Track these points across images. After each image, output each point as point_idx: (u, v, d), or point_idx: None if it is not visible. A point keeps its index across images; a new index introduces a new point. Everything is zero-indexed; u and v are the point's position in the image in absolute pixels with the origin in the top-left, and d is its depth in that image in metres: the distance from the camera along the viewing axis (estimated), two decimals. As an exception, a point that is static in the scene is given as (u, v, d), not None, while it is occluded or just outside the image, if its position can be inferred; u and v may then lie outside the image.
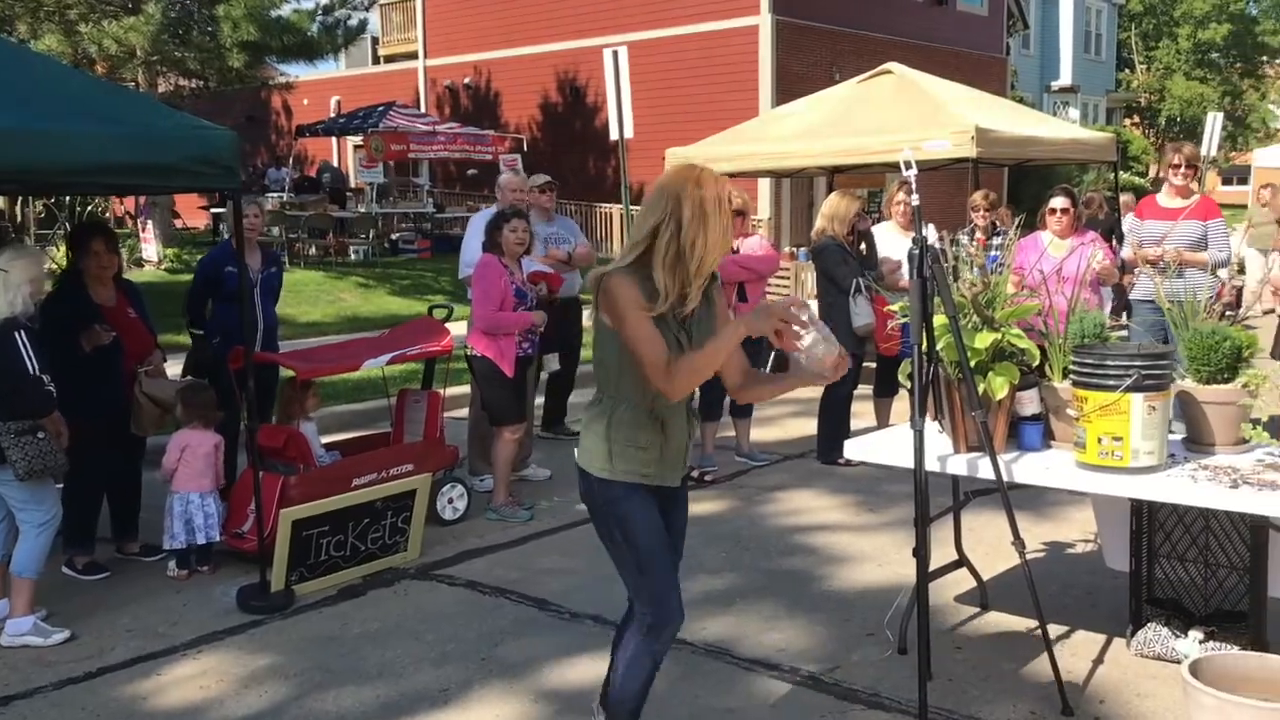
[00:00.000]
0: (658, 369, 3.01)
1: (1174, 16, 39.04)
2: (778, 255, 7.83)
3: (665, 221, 3.02)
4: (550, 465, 7.28)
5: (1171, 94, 38.30)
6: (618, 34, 20.33)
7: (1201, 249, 6.78)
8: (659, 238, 3.03)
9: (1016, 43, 32.50)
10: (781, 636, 4.58)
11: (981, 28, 26.49)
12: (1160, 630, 4.25)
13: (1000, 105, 11.81)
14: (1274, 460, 3.82)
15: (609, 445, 3.16)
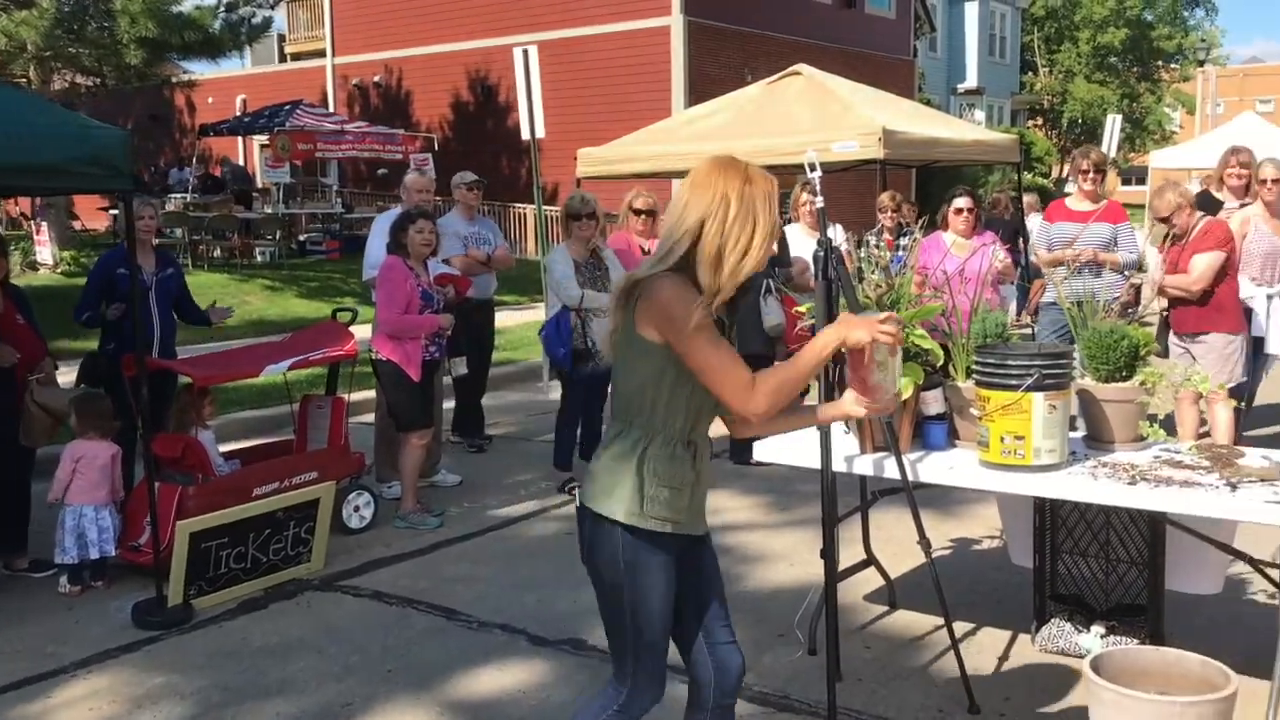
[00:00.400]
0: (741, 390, 2.61)
1: (1074, 21, 40.05)
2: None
3: (712, 216, 2.65)
4: (460, 470, 7.18)
5: (1073, 96, 39.30)
6: (530, 33, 20.20)
7: (1112, 251, 6.92)
8: (704, 235, 2.65)
9: (924, 45, 33.06)
10: (692, 641, 4.54)
11: (889, 31, 26.89)
12: (1063, 626, 4.31)
13: (906, 107, 11.95)
14: (1170, 457, 3.89)
15: (641, 486, 2.68)
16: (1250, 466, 3.68)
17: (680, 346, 2.61)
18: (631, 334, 2.68)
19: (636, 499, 2.67)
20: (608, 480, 2.71)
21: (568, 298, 6.51)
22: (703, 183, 2.69)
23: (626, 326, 2.70)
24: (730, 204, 2.65)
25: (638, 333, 2.66)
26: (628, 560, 2.70)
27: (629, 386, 2.72)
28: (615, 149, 11.48)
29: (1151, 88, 41.87)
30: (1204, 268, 6.20)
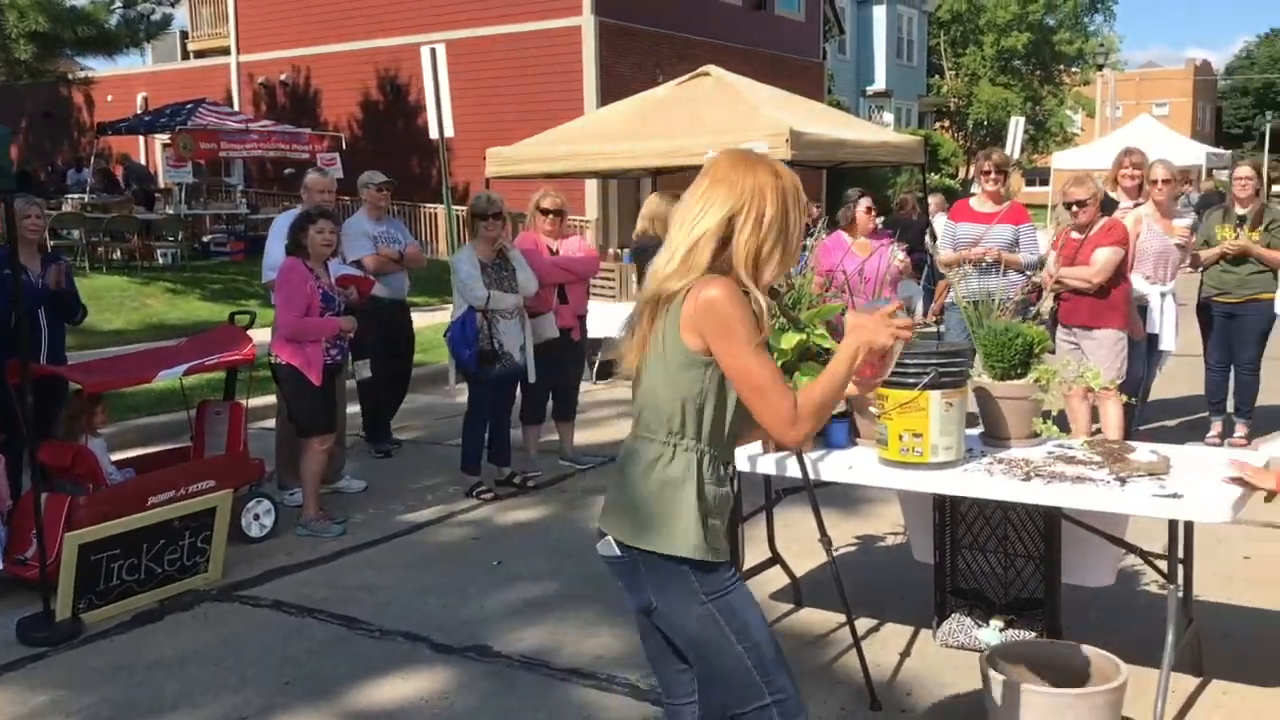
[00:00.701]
0: (787, 413, 2.36)
1: (979, 25, 40.88)
2: (598, 256, 7.78)
3: (743, 213, 2.39)
4: (366, 476, 7.06)
5: (978, 99, 40.11)
6: (441, 31, 19.99)
7: (1015, 252, 7.06)
8: (737, 235, 2.39)
9: (833, 48, 33.50)
10: (600, 644, 4.52)
11: (799, 33, 27.18)
12: (963, 620, 4.36)
13: (814, 109, 12.08)
14: (1064, 452, 3.97)
15: (704, 514, 2.40)
16: (1139, 461, 3.76)
17: (732, 360, 2.36)
18: (674, 344, 2.39)
19: (700, 530, 2.39)
20: (659, 511, 2.40)
21: (474, 298, 6.43)
22: (727, 177, 2.44)
23: (666, 336, 2.40)
24: (767, 199, 2.41)
25: (682, 342, 2.38)
26: (714, 588, 2.43)
27: (666, 402, 2.42)
28: (524, 149, 11.42)
29: (1054, 91, 42.91)
30: (1105, 261, 6.34)
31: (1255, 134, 69.28)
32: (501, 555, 5.66)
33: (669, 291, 2.41)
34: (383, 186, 7.62)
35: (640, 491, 2.42)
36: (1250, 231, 7.16)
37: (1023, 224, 7.15)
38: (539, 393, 7.04)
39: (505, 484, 6.82)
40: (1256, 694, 3.95)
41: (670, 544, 2.39)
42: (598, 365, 10.40)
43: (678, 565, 2.39)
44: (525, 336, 6.69)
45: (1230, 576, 5.09)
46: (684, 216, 2.45)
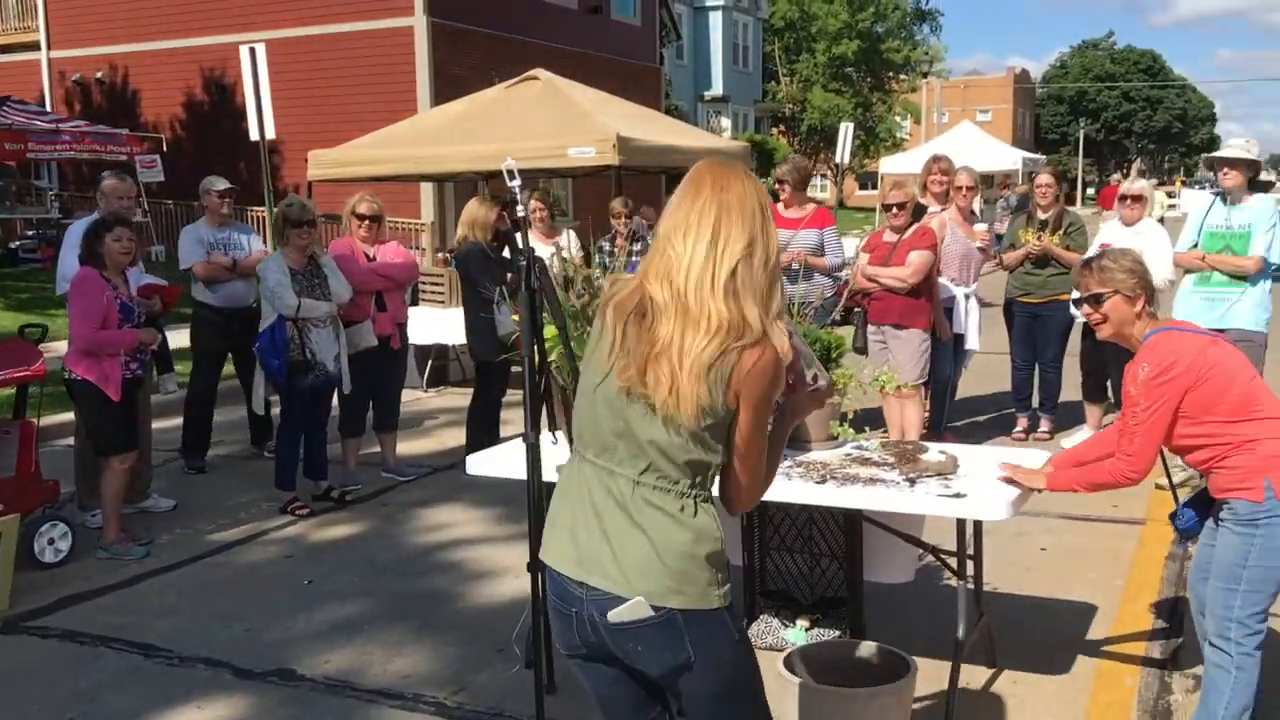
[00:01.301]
0: (765, 478, 2.34)
1: (811, 32, 41.93)
2: (416, 262, 7.64)
3: (759, 240, 2.23)
4: (176, 494, 6.76)
5: (812, 105, 41.14)
6: (268, 30, 19.42)
7: (820, 255, 7.22)
8: (754, 267, 2.22)
9: (671, 53, 33.87)
10: (408, 662, 4.42)
11: (636, 38, 27.37)
12: (771, 622, 4.43)
13: (643, 114, 12.17)
14: (860, 454, 4.07)
15: (725, 563, 2.31)
16: (929, 462, 3.88)
17: (753, 430, 2.24)
18: (720, 401, 2.20)
19: (723, 579, 2.29)
20: (695, 566, 2.24)
21: (283, 306, 6.23)
22: (724, 196, 2.23)
23: (712, 390, 2.19)
24: (768, 220, 2.27)
25: (726, 401, 2.21)
26: (740, 633, 2.35)
27: (692, 454, 2.23)
28: (349, 151, 11.18)
29: (883, 97, 44.34)
30: (920, 263, 6.56)
31: (1071, 139, 73.18)
32: (313, 574, 5.49)
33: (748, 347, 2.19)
34: (224, 194, 7.41)
35: (672, 547, 2.23)
36: (1051, 235, 7.51)
37: (826, 228, 7.34)
38: (357, 403, 6.87)
39: (322, 499, 6.63)
40: (1046, 681, 4.12)
41: (706, 597, 2.25)
42: (429, 372, 10.23)
43: (716, 617, 2.27)
44: (340, 345, 6.51)
45: (1027, 568, 5.31)
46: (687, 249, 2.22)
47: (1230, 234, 6.28)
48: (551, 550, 2.37)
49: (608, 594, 2.25)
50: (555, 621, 2.38)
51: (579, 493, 2.33)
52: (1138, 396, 3.29)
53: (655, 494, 2.25)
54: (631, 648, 2.28)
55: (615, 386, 2.26)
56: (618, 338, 2.27)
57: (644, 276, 2.28)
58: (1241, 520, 3.25)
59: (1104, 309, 3.43)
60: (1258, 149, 6.41)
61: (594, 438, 2.31)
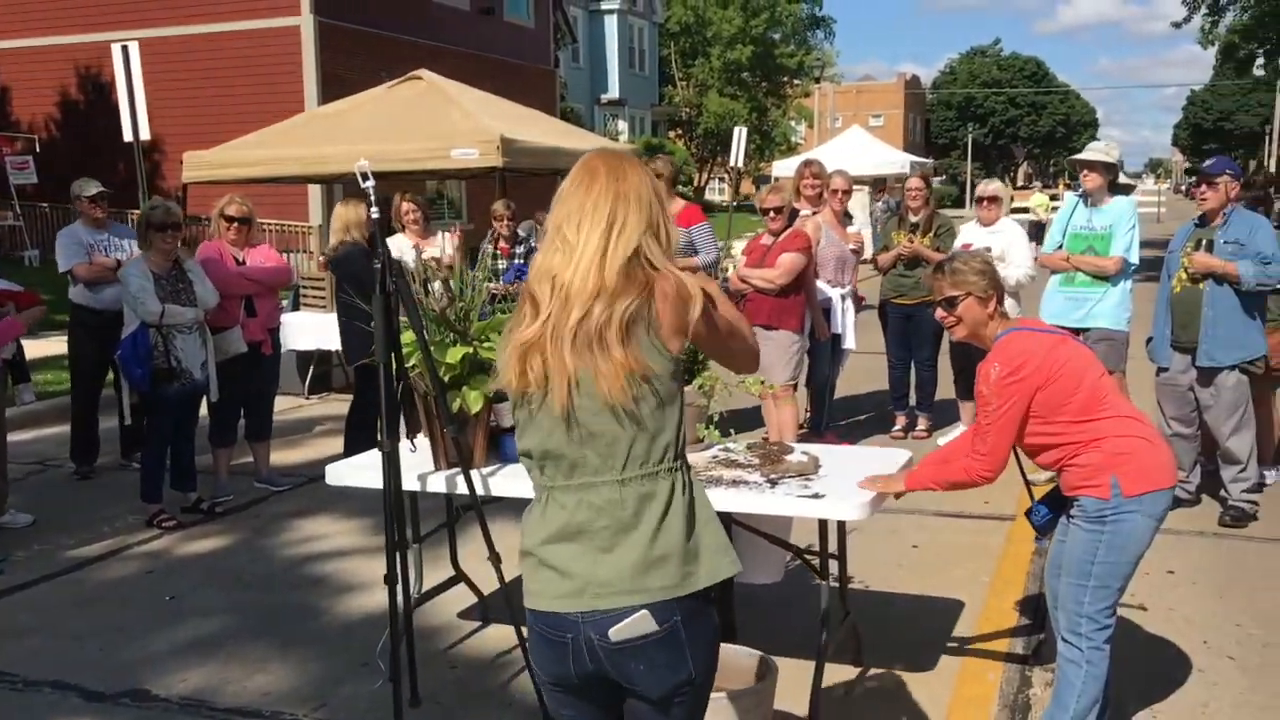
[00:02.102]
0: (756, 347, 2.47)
1: (707, 37, 42.28)
2: (289, 266, 7.44)
3: (659, 225, 2.20)
4: (39, 508, 6.49)
5: (708, 109, 41.47)
6: (149, 28, 18.94)
7: (691, 254, 7.24)
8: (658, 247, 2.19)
9: (567, 56, 33.81)
10: (269, 679, 4.28)
11: (530, 39, 27.25)
12: (641, 626, 4.39)
13: (530, 116, 12.08)
14: (726, 456, 4.06)
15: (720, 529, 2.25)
16: (791, 462, 3.90)
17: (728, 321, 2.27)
18: (659, 357, 2.13)
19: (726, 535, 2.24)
20: (698, 544, 2.16)
21: (146, 313, 6.01)
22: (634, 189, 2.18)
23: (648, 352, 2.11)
24: (666, 209, 2.26)
25: (667, 351, 2.13)
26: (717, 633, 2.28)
27: (661, 428, 2.15)
28: (226, 153, 10.88)
29: (777, 102, 44.91)
30: (790, 265, 6.61)
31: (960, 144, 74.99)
32: (176, 589, 5.30)
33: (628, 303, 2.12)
34: (94, 199, 7.13)
35: (679, 525, 2.15)
36: (922, 237, 7.64)
37: (695, 225, 7.37)
38: (227, 412, 6.67)
39: (191, 511, 6.42)
40: (910, 679, 4.16)
41: (728, 564, 2.20)
42: (310, 378, 10.01)
43: (706, 601, 2.20)
44: (207, 352, 6.31)
45: (897, 565, 5.38)
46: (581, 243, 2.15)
47: (1093, 235, 6.45)
48: (542, 594, 2.21)
49: (608, 612, 2.13)
50: (543, 650, 2.23)
51: (558, 525, 2.19)
52: (990, 396, 3.33)
53: (646, 483, 2.15)
54: (633, 668, 2.16)
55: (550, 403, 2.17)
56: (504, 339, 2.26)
57: (530, 280, 2.22)
58: (1090, 517, 3.32)
59: (958, 311, 3.47)
60: (1117, 152, 6.61)
61: (559, 461, 2.19)
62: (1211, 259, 5.81)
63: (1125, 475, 3.25)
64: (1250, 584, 5.10)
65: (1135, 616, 4.61)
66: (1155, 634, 4.53)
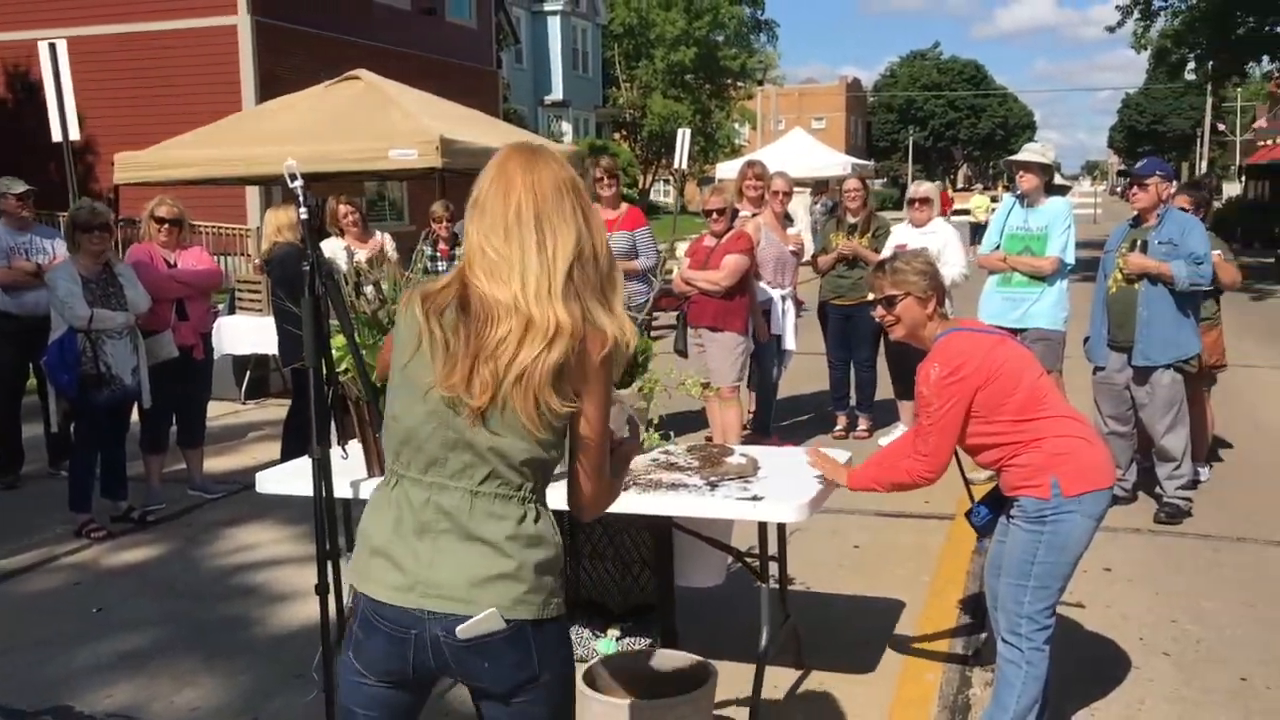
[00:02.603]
0: (613, 484, 2.27)
1: (650, 39, 42.30)
2: (219, 269, 7.29)
3: (583, 234, 2.11)
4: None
5: (652, 111, 41.49)
6: (83, 25, 18.57)
7: (634, 257, 7.20)
8: (586, 263, 2.11)
9: (510, 57, 33.66)
10: (198, 693, 4.17)
11: (472, 40, 27.07)
12: (582, 632, 4.34)
13: (470, 116, 11.99)
14: (666, 459, 4.02)
15: (560, 569, 2.21)
16: (730, 465, 3.86)
17: (599, 423, 2.12)
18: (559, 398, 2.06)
19: (562, 581, 2.21)
20: (540, 577, 2.14)
21: (74, 318, 5.85)
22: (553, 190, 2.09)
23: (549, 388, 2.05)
24: (587, 204, 2.14)
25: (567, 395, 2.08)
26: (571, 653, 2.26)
27: (530, 457, 2.10)
28: (160, 154, 10.68)
29: (721, 104, 45.04)
30: (734, 267, 6.60)
31: (901, 146, 75.83)
32: (105, 601, 5.15)
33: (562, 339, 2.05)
34: (21, 196, 6.93)
35: (517, 557, 2.11)
36: (861, 238, 7.67)
37: (639, 229, 7.35)
38: (159, 418, 6.51)
39: (122, 520, 6.27)
40: (851, 680, 4.15)
41: (555, 606, 2.17)
42: (247, 383, 9.83)
43: (558, 623, 2.18)
44: (138, 357, 6.16)
45: (839, 565, 5.38)
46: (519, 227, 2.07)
47: (1029, 235, 6.51)
48: (372, 580, 2.16)
49: (444, 616, 2.10)
50: (378, 645, 2.16)
51: (399, 514, 2.15)
52: (930, 397, 3.32)
53: (497, 503, 2.11)
54: (478, 665, 2.13)
55: (439, 395, 2.10)
56: (437, 340, 2.10)
57: (466, 272, 2.12)
58: (1030, 517, 3.32)
59: (897, 310, 3.46)
60: (1053, 153, 6.67)
61: (417, 453, 2.14)
62: (1146, 260, 5.88)
63: (1065, 475, 3.26)
64: (1185, 580, 5.16)
65: (1073, 614, 4.64)
66: (1093, 631, 4.56)
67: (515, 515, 2.12)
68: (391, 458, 2.19)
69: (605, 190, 7.39)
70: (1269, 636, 4.50)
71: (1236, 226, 30.24)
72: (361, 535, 2.23)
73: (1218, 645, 4.42)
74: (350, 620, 2.29)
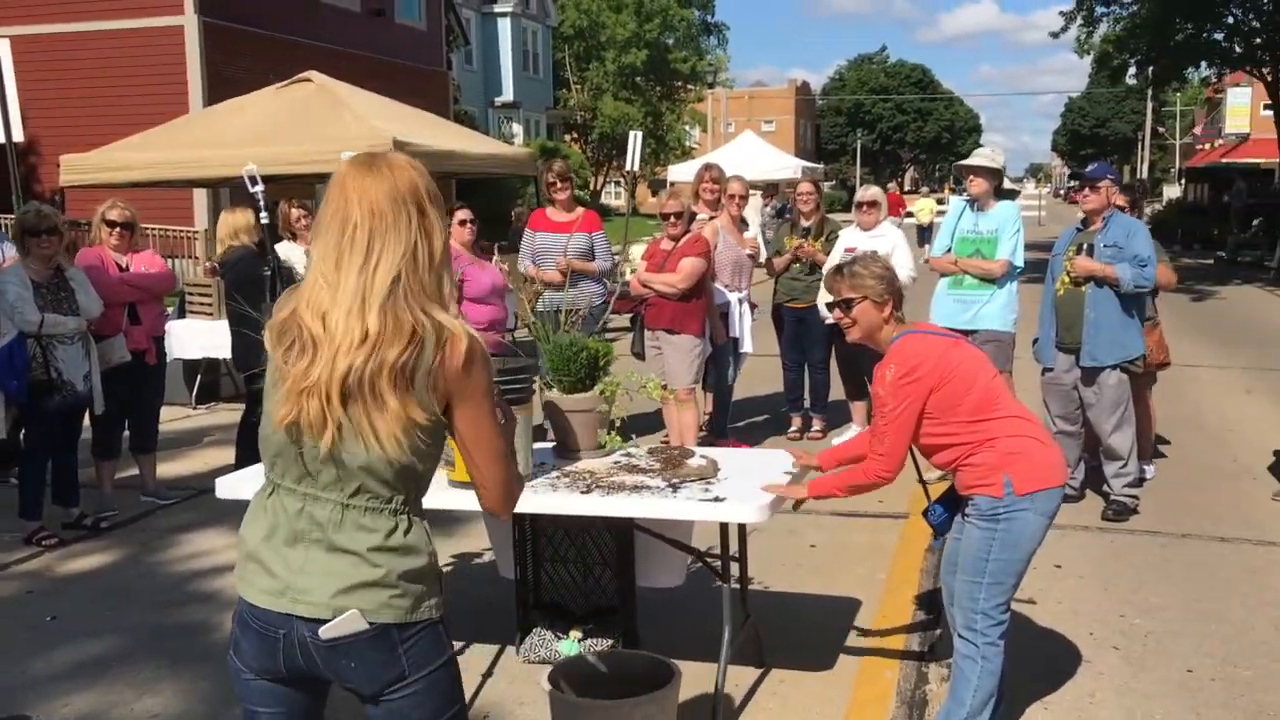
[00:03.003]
0: (514, 489, 2.27)
1: (601, 41, 42.32)
2: (171, 271, 7.22)
3: (418, 244, 2.11)
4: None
5: (602, 113, 41.50)
6: (24, 25, 18.21)
7: (591, 259, 7.24)
8: (420, 269, 2.11)
9: (460, 58, 33.53)
10: (158, 700, 4.14)
11: (422, 42, 26.94)
12: (544, 634, 4.37)
13: (422, 118, 11.95)
14: (627, 461, 4.06)
15: (435, 574, 2.22)
16: (691, 467, 3.91)
17: (483, 424, 2.16)
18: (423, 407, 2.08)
19: (438, 586, 2.21)
20: (408, 583, 2.14)
21: (24, 322, 5.77)
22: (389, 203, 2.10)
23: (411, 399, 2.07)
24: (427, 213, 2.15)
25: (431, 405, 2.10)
26: (451, 655, 2.25)
27: (399, 470, 2.12)
28: (106, 155, 10.54)
29: (672, 106, 45.16)
30: (692, 270, 6.66)
31: (850, 149, 76.49)
32: (59, 609, 5.10)
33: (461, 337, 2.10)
34: None
35: (383, 566, 2.12)
36: (814, 241, 7.75)
37: (596, 232, 7.38)
38: (111, 423, 6.45)
39: (74, 527, 6.19)
40: (809, 678, 4.22)
41: (428, 608, 2.17)
42: (198, 387, 9.74)
43: (432, 625, 2.18)
44: (90, 363, 6.09)
45: (797, 565, 5.45)
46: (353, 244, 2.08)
47: (979, 239, 6.63)
48: (246, 583, 2.21)
49: (315, 619, 2.13)
50: (252, 642, 2.21)
51: (273, 521, 2.19)
52: (886, 398, 3.39)
53: (367, 516, 2.14)
54: (344, 665, 2.16)
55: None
56: (280, 373, 2.13)
57: (298, 302, 2.15)
58: (984, 516, 3.40)
59: (853, 313, 3.53)
60: (1002, 158, 6.80)
61: (291, 465, 2.16)
62: (1092, 263, 6.01)
63: (1018, 474, 3.34)
64: (1133, 576, 5.29)
65: (1026, 610, 4.73)
66: (1045, 627, 4.67)
67: (385, 528, 2.14)
68: (269, 466, 2.22)
69: (560, 194, 7.42)
70: (1213, 630, 4.64)
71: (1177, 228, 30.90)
72: (240, 540, 2.27)
73: (1165, 639, 4.55)
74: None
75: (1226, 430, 8.32)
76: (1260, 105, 55.09)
